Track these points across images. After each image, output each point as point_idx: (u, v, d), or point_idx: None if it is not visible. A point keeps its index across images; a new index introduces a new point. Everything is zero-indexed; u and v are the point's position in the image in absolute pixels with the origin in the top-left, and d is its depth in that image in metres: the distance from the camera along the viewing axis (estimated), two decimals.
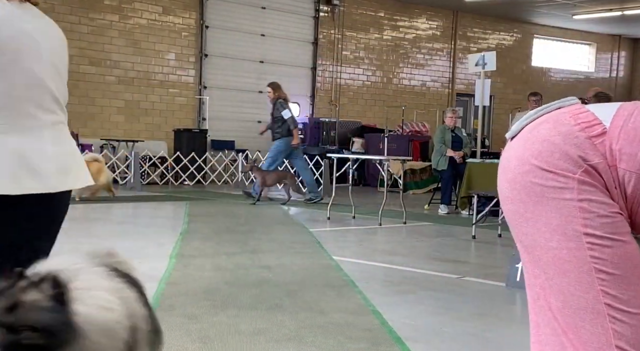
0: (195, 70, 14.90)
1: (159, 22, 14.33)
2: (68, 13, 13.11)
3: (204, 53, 14.91)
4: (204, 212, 9.06)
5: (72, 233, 6.80)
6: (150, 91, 14.23)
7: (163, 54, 14.44)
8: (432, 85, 19.02)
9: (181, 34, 14.69)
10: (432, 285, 4.92)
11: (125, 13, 13.91)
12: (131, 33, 13.98)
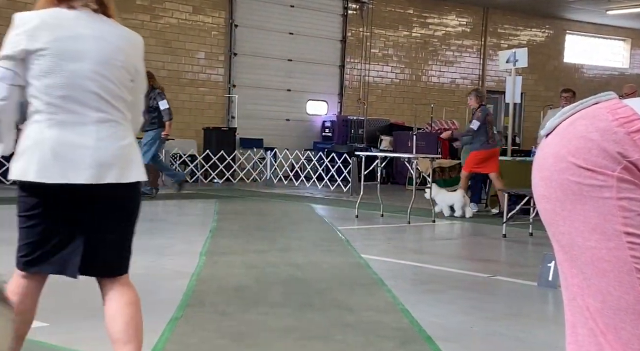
0: (224, 69, 14.99)
1: (189, 22, 14.46)
2: None
3: (233, 52, 15.00)
4: (233, 210, 9.12)
5: None
6: (180, 90, 14.36)
7: (193, 53, 14.57)
8: (462, 83, 18.84)
9: (211, 33, 14.80)
10: (462, 284, 4.88)
11: (157, 13, 14.06)
12: (162, 32, 14.13)
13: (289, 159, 14.19)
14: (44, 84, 2.26)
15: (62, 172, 2.24)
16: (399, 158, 9.31)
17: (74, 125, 2.28)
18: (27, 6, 11.70)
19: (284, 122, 15.84)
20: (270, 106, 15.53)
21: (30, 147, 2.26)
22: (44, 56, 2.25)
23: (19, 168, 2.28)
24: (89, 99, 2.29)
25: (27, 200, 2.33)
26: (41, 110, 2.27)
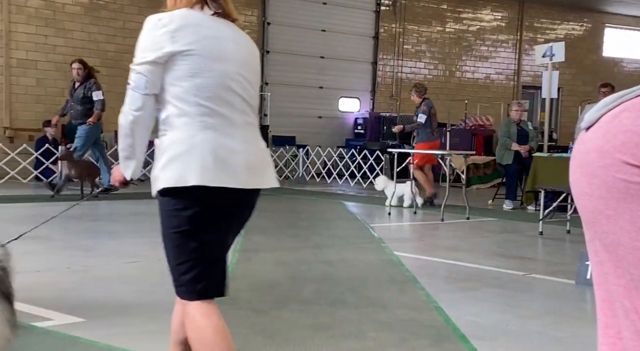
0: None
1: None
2: (136, 13, 13.47)
3: (265, 49, 15.06)
4: (265, 207, 9.15)
5: (140, 227, 7.00)
6: None
7: None
8: (497, 78, 18.60)
9: (243, 30, 14.87)
10: (497, 282, 4.82)
11: None
12: None
13: (321, 156, 14.20)
14: (193, 85, 2.16)
15: (221, 176, 2.14)
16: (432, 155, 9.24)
17: (223, 128, 2.18)
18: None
19: (316, 119, 15.85)
20: (302, 103, 15.56)
21: (186, 151, 2.12)
22: (191, 56, 2.16)
23: (175, 176, 2.12)
24: (235, 101, 2.23)
25: (182, 212, 2.15)
26: (189, 113, 2.15)
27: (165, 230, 2.21)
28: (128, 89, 2.20)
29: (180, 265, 2.18)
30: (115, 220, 7.45)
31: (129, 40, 13.35)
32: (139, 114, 2.17)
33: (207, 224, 2.17)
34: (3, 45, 11.98)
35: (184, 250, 2.17)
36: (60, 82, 12.63)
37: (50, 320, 3.49)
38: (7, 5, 11.99)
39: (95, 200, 9.32)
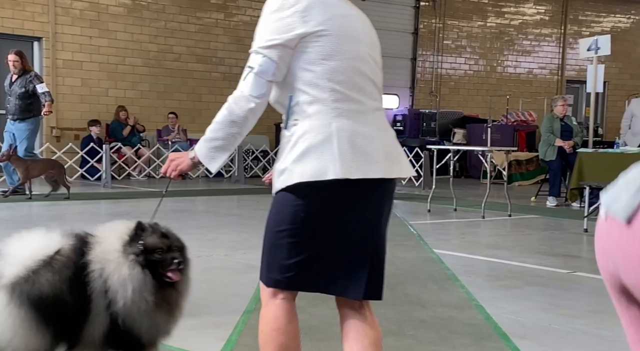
0: None
1: None
2: (177, 13, 13.66)
3: None
4: None
5: (181, 225, 7.10)
6: None
7: None
8: (540, 73, 18.25)
9: None
10: (540, 280, 4.73)
11: (230, 11, 14.32)
12: (235, 30, 14.38)
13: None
14: (327, 69, 1.98)
15: (363, 167, 1.96)
16: (473, 151, 9.11)
17: (357, 114, 2.00)
18: None
19: None
20: None
21: (322, 141, 1.95)
22: (324, 36, 1.97)
23: (312, 169, 1.95)
24: (366, 85, 2.04)
25: (315, 208, 1.98)
26: (322, 99, 1.98)
27: (283, 224, 2.02)
28: (249, 73, 2.00)
29: (298, 262, 2.01)
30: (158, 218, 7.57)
31: (170, 40, 13.56)
32: (260, 102, 2.00)
33: (342, 220, 2.00)
34: (50, 46, 12.29)
35: (304, 247, 2.00)
36: (104, 82, 12.89)
37: None
38: (54, 7, 12.29)
39: (139, 198, 9.49)
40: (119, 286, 2.20)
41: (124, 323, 2.22)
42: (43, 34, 12.22)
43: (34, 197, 8.91)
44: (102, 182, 10.71)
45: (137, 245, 2.27)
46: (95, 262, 2.24)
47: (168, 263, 2.26)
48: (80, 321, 2.22)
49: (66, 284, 2.21)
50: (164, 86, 13.51)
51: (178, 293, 2.34)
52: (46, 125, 12.36)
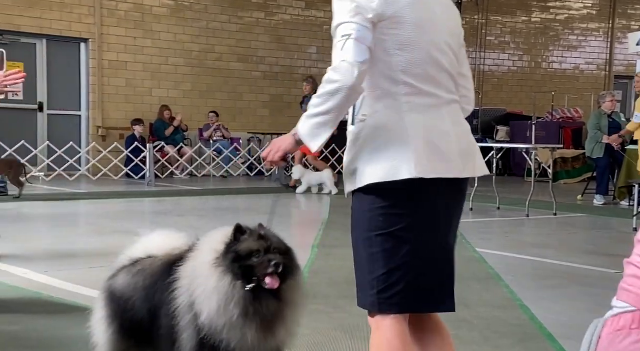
0: None
1: (302, 17, 14.70)
2: (219, 13, 13.81)
3: None
4: (345, 203, 9.14)
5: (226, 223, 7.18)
6: (293, 85, 14.64)
7: (305, 48, 14.80)
8: (587, 68, 17.84)
9: (323, 27, 14.96)
10: (587, 280, 4.62)
11: (271, 10, 14.41)
12: (276, 29, 14.46)
13: None
14: (401, 60, 1.84)
15: (437, 166, 1.84)
16: (517, 149, 8.94)
17: (431, 109, 1.87)
18: None
19: None
20: None
21: (394, 139, 1.83)
22: (402, 24, 1.83)
23: (384, 169, 1.82)
24: (442, 78, 1.91)
25: (391, 210, 1.84)
26: (393, 93, 1.84)
27: (365, 232, 1.88)
28: (348, 40, 1.78)
29: (385, 275, 1.85)
30: (200, 216, 7.67)
31: (212, 40, 13.71)
32: (364, 69, 1.77)
33: (423, 223, 1.86)
34: (96, 47, 12.57)
35: (393, 255, 1.84)
36: (148, 82, 13.12)
37: None
38: (100, 9, 12.56)
39: (182, 196, 9.62)
40: (204, 299, 2.00)
41: (210, 339, 2.01)
42: (90, 35, 12.50)
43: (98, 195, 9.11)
44: (146, 181, 10.91)
45: (230, 253, 2.05)
46: (184, 277, 2.08)
47: (264, 267, 2.00)
48: (168, 336, 2.10)
49: (151, 302, 2.17)
50: (206, 85, 13.68)
51: (281, 304, 2.03)
52: (92, 124, 12.66)
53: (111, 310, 2.29)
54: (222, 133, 13.14)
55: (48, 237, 6.09)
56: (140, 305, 2.19)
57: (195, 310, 2.02)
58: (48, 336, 3.20)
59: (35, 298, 3.87)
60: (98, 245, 5.68)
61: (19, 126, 11.84)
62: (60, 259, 4.97)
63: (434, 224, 1.88)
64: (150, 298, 2.17)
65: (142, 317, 2.19)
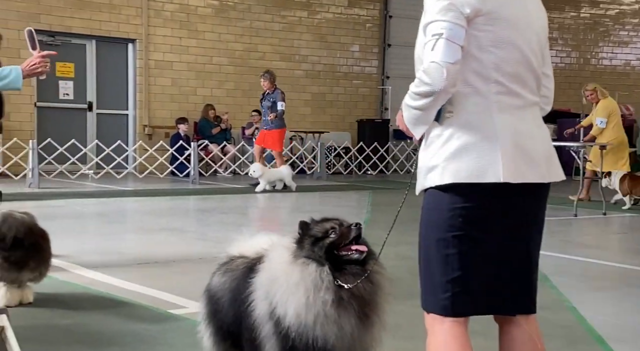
0: (378, 61, 15.05)
1: (344, 15, 14.69)
2: (263, 12, 13.90)
3: (387, 43, 15.00)
4: (386, 201, 9.14)
5: (264, 221, 7.24)
6: (335, 83, 14.65)
7: (347, 46, 14.78)
8: (638, 65, 17.34)
9: (365, 25, 14.93)
10: (638, 282, 4.49)
11: (314, 8, 14.44)
12: (318, 27, 14.48)
13: None
14: (495, 57, 1.78)
15: (524, 170, 1.78)
16: (564, 147, 8.75)
17: (518, 110, 1.82)
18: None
19: None
20: None
21: (482, 139, 1.76)
22: (497, 20, 1.77)
23: (469, 169, 1.76)
24: (529, 78, 1.85)
25: (471, 211, 1.78)
26: (483, 92, 1.79)
27: (441, 233, 1.83)
28: (438, 40, 1.74)
29: (462, 277, 1.80)
30: (243, 213, 7.74)
31: (255, 39, 13.82)
32: (455, 69, 1.72)
33: (503, 226, 1.80)
34: (143, 48, 12.81)
35: (469, 257, 1.79)
36: (192, 81, 13.30)
37: (184, 308, 3.67)
38: (147, 10, 12.80)
39: (225, 194, 9.74)
40: (288, 296, 1.86)
41: (301, 340, 1.84)
42: (137, 35, 12.75)
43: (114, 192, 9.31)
44: (190, 179, 11.07)
45: (306, 241, 1.95)
46: (259, 288, 1.97)
47: (345, 235, 1.93)
48: (252, 349, 2.02)
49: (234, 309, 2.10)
50: (249, 84, 13.79)
51: (374, 287, 1.95)
52: (139, 123, 12.91)
53: (209, 309, 2.24)
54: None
55: (97, 234, 6.24)
56: (227, 308, 2.12)
57: (276, 316, 1.88)
58: (97, 331, 3.28)
59: (85, 293, 3.97)
60: (145, 242, 5.80)
61: (69, 125, 12.16)
62: (109, 255, 5.08)
63: (514, 228, 1.83)
64: (233, 302, 2.09)
65: (230, 321, 2.12)
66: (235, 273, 2.15)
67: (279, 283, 1.91)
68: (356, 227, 1.95)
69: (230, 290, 2.12)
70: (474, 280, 1.81)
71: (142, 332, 3.26)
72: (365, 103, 15.03)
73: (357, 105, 14.94)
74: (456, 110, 1.80)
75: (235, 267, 2.17)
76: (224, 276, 2.20)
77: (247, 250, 2.21)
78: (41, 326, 3.09)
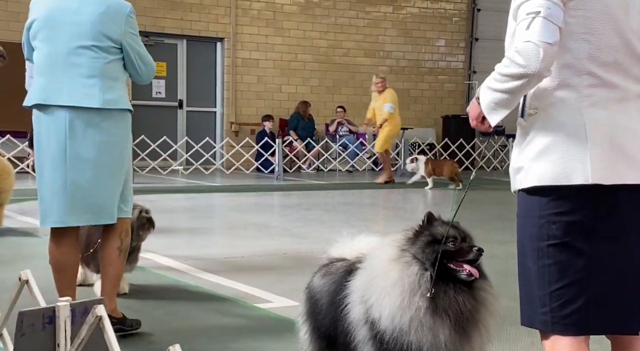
0: (464, 55, 14.75)
1: (430, 10, 14.48)
2: (347, 8, 13.93)
3: (474, 37, 14.67)
4: (472, 199, 8.94)
5: (351, 217, 7.25)
6: (419, 79, 14.48)
7: (433, 41, 14.57)
8: None
9: (452, 19, 14.65)
10: None
11: (399, 3, 14.31)
12: (403, 23, 14.35)
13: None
14: (588, 46, 1.63)
15: (621, 170, 1.62)
16: None
17: (616, 103, 1.65)
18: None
19: None
20: None
21: (568, 137, 1.62)
22: (592, 3, 1.62)
23: (554, 170, 1.63)
24: (633, 66, 1.67)
25: (564, 218, 1.63)
26: (573, 85, 1.64)
27: (532, 242, 1.69)
28: (535, 18, 1.60)
29: (560, 290, 1.64)
30: (326, 210, 7.80)
31: (340, 36, 13.87)
32: (552, 51, 1.57)
33: (605, 233, 1.63)
34: (231, 46, 13.13)
35: (568, 269, 1.63)
36: (278, 78, 13.51)
37: (270, 302, 3.74)
38: (235, 9, 13.10)
39: (309, 190, 9.84)
40: (383, 296, 1.78)
41: (396, 344, 1.77)
42: (225, 34, 13.07)
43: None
44: (275, 175, 11.25)
45: (422, 237, 1.85)
46: (355, 291, 1.91)
47: (465, 253, 1.81)
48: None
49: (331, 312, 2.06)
50: (333, 81, 13.85)
51: (477, 304, 1.82)
52: (226, 120, 13.24)
53: (307, 307, 2.21)
54: (348, 128, 13.25)
55: (187, 228, 6.45)
56: (325, 311, 2.07)
57: (371, 319, 1.81)
58: (185, 322, 3.39)
59: (175, 286, 4.12)
60: (231, 236, 5.95)
61: (161, 122, 12.64)
62: (197, 249, 5.25)
63: (618, 235, 1.64)
64: (331, 306, 2.03)
65: (327, 324, 2.07)
66: (334, 276, 2.10)
67: (375, 283, 1.83)
68: (477, 251, 1.82)
69: (328, 293, 2.08)
70: (578, 294, 1.64)
71: (228, 325, 3.35)
72: (450, 99, 14.77)
73: (442, 100, 14.71)
74: (542, 105, 1.67)
75: (335, 270, 2.13)
76: (323, 278, 2.16)
77: (347, 252, 2.15)
78: (134, 317, 3.23)
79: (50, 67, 2.88)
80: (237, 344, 3.05)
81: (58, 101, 2.84)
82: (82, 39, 2.86)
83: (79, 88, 2.84)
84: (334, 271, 2.15)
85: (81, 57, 2.86)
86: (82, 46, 2.86)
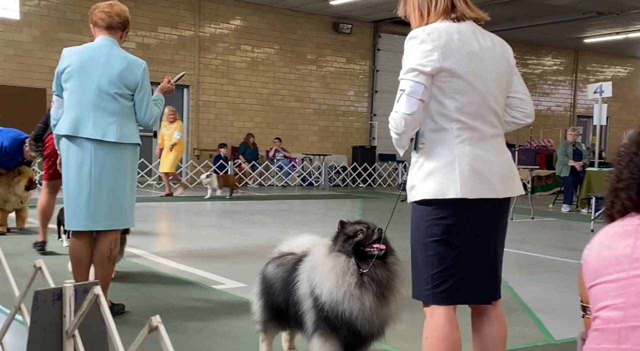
0: (368, 103, 15.11)
1: (343, 69, 14.77)
2: (283, 66, 14.00)
3: (374, 90, 15.07)
4: (373, 207, 9.14)
5: (286, 221, 7.23)
6: (336, 119, 14.70)
7: (345, 91, 14.85)
8: (556, 110, 17.40)
9: (359, 76, 15.00)
10: (556, 268, 4.49)
11: (321, 64, 14.52)
12: (324, 77, 14.56)
13: None
14: (456, 104, 1.71)
15: (480, 188, 1.71)
16: None
17: (477, 141, 1.74)
18: None
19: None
20: None
21: (445, 165, 1.71)
22: (457, 74, 1.70)
23: (435, 188, 1.71)
24: (488, 115, 1.76)
25: (442, 222, 1.72)
26: (447, 128, 1.72)
27: (421, 238, 1.76)
28: (402, 95, 1.71)
29: (439, 273, 1.73)
30: (266, 215, 7.75)
31: (277, 85, 13.90)
32: (412, 118, 1.69)
33: (469, 233, 1.72)
34: (194, 91, 12.90)
35: (445, 257, 1.72)
36: (230, 116, 13.36)
37: (223, 284, 3.68)
38: (198, 63, 12.91)
39: (241, 201, 9.72)
40: (324, 279, 1.86)
41: (332, 312, 1.85)
42: (190, 83, 12.83)
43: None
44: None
45: (341, 237, 1.93)
46: (302, 272, 1.99)
47: (369, 237, 1.90)
48: (296, 319, 2.02)
49: (284, 283, 2.07)
50: (272, 119, 13.85)
51: (390, 274, 1.89)
52: (190, 147, 12.95)
53: (262, 288, 2.20)
54: (283, 154, 13.27)
55: (159, 228, 6.22)
56: (278, 292, 2.10)
57: (315, 294, 1.88)
58: (160, 301, 3.27)
59: (150, 272, 3.96)
60: (194, 234, 5.79)
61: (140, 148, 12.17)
62: (167, 244, 5.04)
63: (478, 234, 1.75)
64: (285, 287, 2.07)
65: (280, 301, 2.10)
66: (286, 266, 2.13)
67: (317, 270, 1.92)
68: (378, 231, 1.92)
69: (282, 279, 2.11)
70: (450, 276, 1.73)
71: (192, 302, 3.26)
72: (358, 134, 15.08)
73: (352, 135, 14.98)
74: (427, 142, 1.76)
75: (287, 262, 2.15)
76: (277, 268, 2.16)
77: (294, 247, 2.19)
78: (120, 296, 3.10)
79: (80, 106, 2.75)
80: (200, 316, 2.99)
81: (85, 134, 2.73)
82: (108, 86, 2.76)
83: (102, 125, 2.73)
84: (286, 262, 2.16)
85: (105, 101, 2.75)
86: (106, 92, 2.76)
